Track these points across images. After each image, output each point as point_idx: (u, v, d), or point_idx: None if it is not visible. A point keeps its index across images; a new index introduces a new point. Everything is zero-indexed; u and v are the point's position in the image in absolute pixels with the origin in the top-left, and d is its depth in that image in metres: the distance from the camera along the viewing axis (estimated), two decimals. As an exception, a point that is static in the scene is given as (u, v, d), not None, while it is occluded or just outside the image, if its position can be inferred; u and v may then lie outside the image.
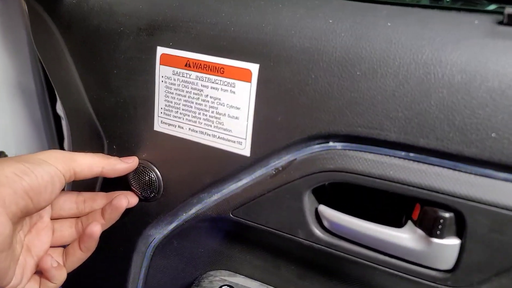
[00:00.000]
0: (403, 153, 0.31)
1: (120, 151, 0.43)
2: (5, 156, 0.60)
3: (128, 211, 0.43)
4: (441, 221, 0.30)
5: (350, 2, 0.34)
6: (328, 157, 0.33)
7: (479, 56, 0.28)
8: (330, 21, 0.32)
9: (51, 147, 0.63)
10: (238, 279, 0.43)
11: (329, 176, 0.33)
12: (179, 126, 0.39)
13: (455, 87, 0.28)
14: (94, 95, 0.43)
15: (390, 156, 0.31)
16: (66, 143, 0.55)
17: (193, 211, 0.41)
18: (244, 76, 0.34)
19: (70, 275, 0.38)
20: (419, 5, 0.33)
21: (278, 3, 0.35)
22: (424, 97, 0.29)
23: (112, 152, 0.44)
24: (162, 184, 0.41)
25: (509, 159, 0.27)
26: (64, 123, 0.54)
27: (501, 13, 0.29)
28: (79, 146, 0.48)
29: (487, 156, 0.28)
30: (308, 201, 0.35)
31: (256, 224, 0.38)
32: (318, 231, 0.36)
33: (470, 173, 0.29)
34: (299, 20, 0.33)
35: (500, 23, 0.29)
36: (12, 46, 0.57)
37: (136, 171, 0.41)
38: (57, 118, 0.61)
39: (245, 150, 0.36)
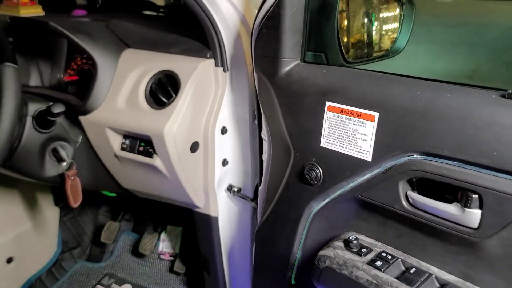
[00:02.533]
0: (455, 163, 0.58)
1: (300, 159, 0.77)
2: None
3: (299, 192, 0.76)
4: (470, 199, 0.56)
5: (428, 82, 0.63)
6: (413, 163, 0.61)
7: (494, 112, 0.54)
8: (418, 92, 0.61)
9: (253, 156, 1.02)
10: (361, 236, 0.72)
11: (413, 174, 0.61)
12: (334, 144, 0.71)
13: (481, 132, 0.54)
14: (289, 126, 0.78)
15: (447, 164, 0.58)
16: (265, 156, 0.92)
17: (338, 192, 0.72)
18: (371, 118, 0.65)
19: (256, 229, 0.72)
20: (454, 82, 0.60)
21: (392, 82, 0.65)
22: (466, 134, 0.56)
23: (295, 158, 0.78)
24: (322, 176, 0.74)
25: (507, 166, 0.52)
26: (265, 143, 0.90)
27: (505, 90, 0.55)
28: (275, 156, 0.84)
29: (499, 165, 0.53)
30: (402, 188, 0.64)
31: (373, 201, 0.67)
32: (406, 205, 0.64)
33: (489, 174, 0.54)
34: (401, 91, 0.63)
35: (503, 96, 0.54)
36: (241, 95, 0.97)
37: (309, 168, 0.74)
38: (260, 140, 0.99)
39: (368, 157, 0.66)
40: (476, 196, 0.56)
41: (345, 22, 0.82)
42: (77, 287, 1.45)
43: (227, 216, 1.07)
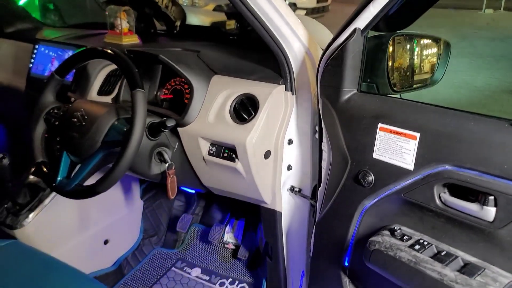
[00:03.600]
0: (476, 173, 0.78)
1: (356, 166, 0.98)
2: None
3: (354, 192, 0.97)
4: (487, 200, 0.76)
5: (455, 112, 0.83)
6: (445, 173, 0.82)
7: (505, 137, 0.74)
8: (449, 120, 0.82)
9: (313, 163, 1.24)
10: (403, 227, 0.93)
11: (445, 180, 0.82)
12: (384, 156, 0.92)
13: (495, 150, 0.74)
14: (348, 141, 1.00)
15: (470, 173, 0.78)
16: (324, 163, 1.13)
17: (386, 193, 0.93)
18: (413, 138, 0.86)
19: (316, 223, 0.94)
20: (476, 113, 0.80)
21: (429, 110, 0.86)
22: (483, 152, 0.76)
23: (351, 166, 0.99)
24: (373, 180, 0.95)
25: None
26: (325, 153, 1.12)
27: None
28: (334, 163, 1.05)
29: (509, 175, 0.73)
30: (436, 190, 0.84)
31: (413, 200, 0.88)
32: (439, 204, 0.84)
33: (501, 181, 0.74)
34: (435, 118, 0.84)
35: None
36: (305, 113, 1.19)
37: (363, 174, 0.96)
38: (320, 150, 1.21)
39: (411, 167, 0.87)
40: (492, 197, 0.76)
41: (392, 61, 1.03)
42: (155, 269, 1.71)
43: (288, 211, 1.30)
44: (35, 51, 1.53)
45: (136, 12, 1.73)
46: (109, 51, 1.12)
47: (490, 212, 0.76)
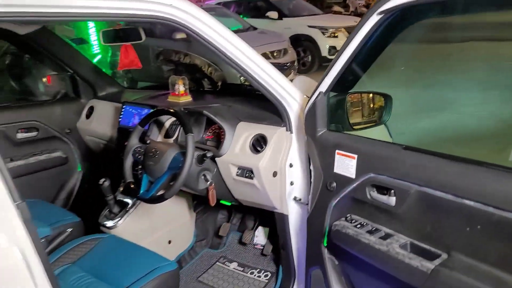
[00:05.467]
0: (385, 176, 1.27)
1: (326, 178, 1.49)
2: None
3: (326, 195, 1.48)
4: (391, 192, 1.25)
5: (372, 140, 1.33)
6: (371, 178, 1.31)
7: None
8: (376, 147, 1.32)
9: (308, 180, 1.75)
10: (353, 215, 1.42)
11: (372, 182, 1.31)
12: (339, 170, 1.43)
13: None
14: (321, 162, 1.51)
15: (382, 178, 1.28)
16: (312, 179, 1.65)
17: (342, 194, 1.43)
18: (353, 158, 1.37)
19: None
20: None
21: (363, 140, 1.37)
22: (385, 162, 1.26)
23: (324, 178, 1.50)
24: (335, 186, 1.45)
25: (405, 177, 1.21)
26: (312, 172, 1.64)
27: None
28: (315, 178, 1.57)
29: (400, 176, 1.22)
30: (367, 190, 1.33)
31: (357, 197, 1.38)
32: (370, 198, 1.33)
33: (400, 181, 1.23)
34: (366, 145, 1.34)
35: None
36: (300, 146, 1.72)
37: (330, 183, 1.46)
38: (309, 171, 1.72)
39: (354, 176, 1.37)
40: (393, 191, 1.24)
41: (350, 110, 1.56)
42: (204, 263, 2.25)
43: (293, 214, 1.81)
44: (123, 110, 2.20)
45: (189, 76, 2.39)
46: (171, 110, 1.73)
47: (392, 200, 1.25)
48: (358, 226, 1.35)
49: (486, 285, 1.01)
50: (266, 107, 1.88)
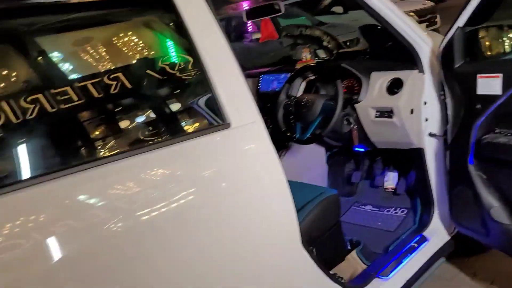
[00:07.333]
0: None
1: (469, 102, 1.66)
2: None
3: (469, 117, 1.65)
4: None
5: None
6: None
7: None
8: None
9: (442, 115, 1.92)
10: (499, 129, 1.58)
11: None
12: (484, 91, 1.60)
13: None
14: (461, 90, 1.69)
15: None
16: (449, 112, 1.82)
17: (486, 113, 1.60)
18: (497, 77, 1.53)
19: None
20: None
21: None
22: None
23: (467, 102, 1.67)
24: (480, 107, 1.62)
25: None
26: (448, 105, 1.81)
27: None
28: (454, 104, 1.74)
29: None
30: None
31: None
32: (518, 108, 1.49)
33: None
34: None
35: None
36: (431, 83, 1.90)
37: (474, 104, 1.63)
38: (445, 104, 1.89)
39: (500, 92, 1.54)
40: None
41: (486, 42, 1.71)
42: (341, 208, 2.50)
43: (429, 148, 1.98)
44: (261, 79, 2.54)
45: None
46: (315, 64, 2.01)
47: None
48: (509, 135, 1.51)
49: None
50: (388, 62, 2.06)
